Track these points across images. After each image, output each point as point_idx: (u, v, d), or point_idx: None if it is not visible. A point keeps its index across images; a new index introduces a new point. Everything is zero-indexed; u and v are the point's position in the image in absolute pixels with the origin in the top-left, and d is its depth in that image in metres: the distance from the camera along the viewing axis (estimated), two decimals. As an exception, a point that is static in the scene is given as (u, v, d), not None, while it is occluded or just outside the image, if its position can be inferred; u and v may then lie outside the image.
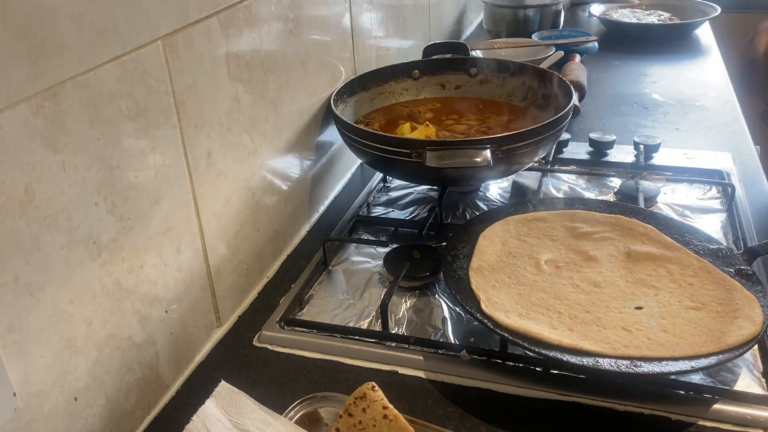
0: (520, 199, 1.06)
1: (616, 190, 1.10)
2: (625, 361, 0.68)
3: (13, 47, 0.51)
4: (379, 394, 0.60)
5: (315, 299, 0.90)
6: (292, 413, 0.65)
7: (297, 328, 0.83)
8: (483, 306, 0.76)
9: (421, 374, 0.76)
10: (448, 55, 1.27)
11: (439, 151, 0.89)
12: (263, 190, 0.92)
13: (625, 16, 2.00)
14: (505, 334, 0.71)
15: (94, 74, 0.59)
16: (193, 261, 0.78)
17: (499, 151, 0.90)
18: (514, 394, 0.72)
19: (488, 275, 0.81)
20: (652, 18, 1.96)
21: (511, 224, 0.91)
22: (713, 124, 1.34)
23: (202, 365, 0.80)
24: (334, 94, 1.08)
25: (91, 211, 0.61)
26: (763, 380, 0.73)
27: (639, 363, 0.67)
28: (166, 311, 0.74)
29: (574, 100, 1.28)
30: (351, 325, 0.84)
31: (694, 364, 0.67)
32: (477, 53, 1.55)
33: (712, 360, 0.67)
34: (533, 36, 1.76)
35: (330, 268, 0.95)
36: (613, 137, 1.21)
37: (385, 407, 0.59)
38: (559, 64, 1.54)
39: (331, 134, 1.10)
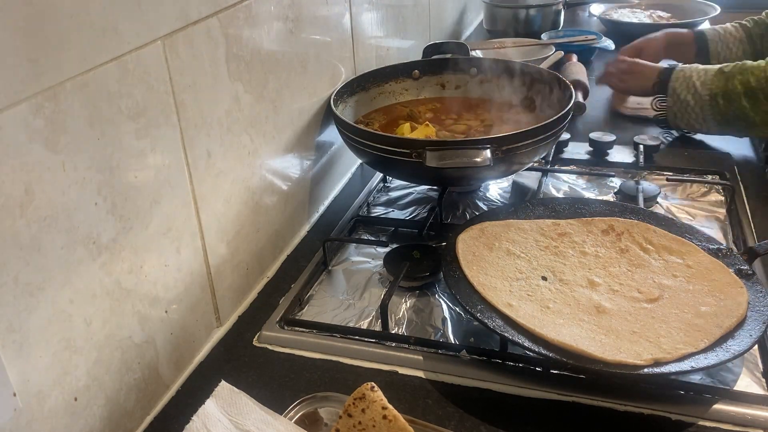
0: (520, 199, 1.06)
1: (616, 190, 1.10)
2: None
3: (13, 47, 0.51)
4: (379, 394, 0.60)
5: (315, 299, 0.90)
6: (292, 413, 0.65)
7: (297, 328, 0.83)
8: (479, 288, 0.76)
9: (420, 374, 0.76)
10: (448, 55, 1.27)
11: (439, 151, 0.89)
12: (263, 190, 0.92)
13: (625, 15, 2.00)
14: (505, 334, 0.72)
15: (94, 74, 0.59)
16: (193, 261, 0.78)
17: (499, 151, 0.90)
18: (514, 394, 0.72)
19: (483, 265, 0.82)
20: (652, 18, 1.96)
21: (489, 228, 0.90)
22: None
23: (202, 365, 0.80)
24: (334, 94, 1.08)
25: (91, 211, 0.61)
26: (763, 380, 0.73)
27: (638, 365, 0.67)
28: (166, 311, 0.74)
29: (579, 98, 1.27)
30: (351, 325, 0.84)
31: (694, 364, 0.67)
32: (477, 53, 1.55)
33: (712, 360, 0.67)
34: (542, 36, 1.76)
35: (330, 268, 0.95)
36: (613, 137, 1.21)
37: (384, 407, 0.59)
38: (559, 64, 1.54)
39: (331, 134, 1.10)
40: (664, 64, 1.35)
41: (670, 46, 1.51)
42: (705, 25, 1.90)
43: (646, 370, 0.66)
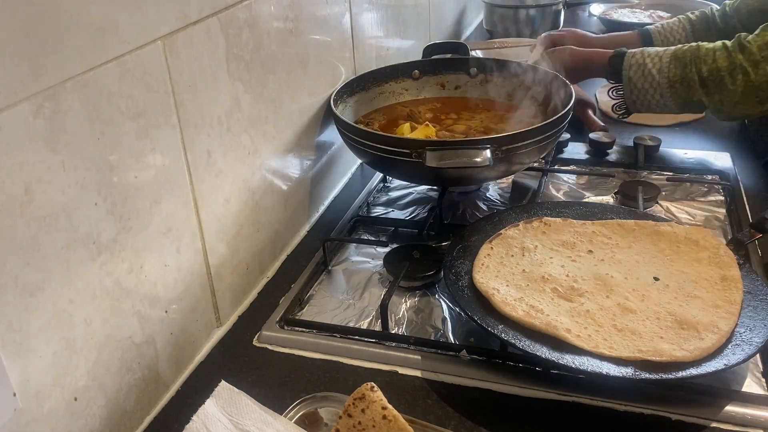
0: (521, 201, 1.06)
1: (616, 190, 1.09)
2: (627, 369, 0.67)
3: (13, 47, 0.51)
4: (378, 394, 0.60)
5: (315, 299, 0.90)
6: (292, 413, 0.65)
7: (297, 328, 0.83)
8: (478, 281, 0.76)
9: (420, 374, 0.76)
10: (448, 55, 1.27)
11: (439, 151, 0.89)
12: (263, 190, 0.92)
13: (625, 15, 2.00)
14: (504, 336, 0.72)
15: (94, 74, 0.59)
16: (193, 261, 0.78)
17: (499, 151, 0.90)
18: (514, 394, 0.72)
19: (493, 269, 0.82)
20: (652, 17, 1.96)
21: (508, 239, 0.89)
22: (713, 125, 1.33)
23: (202, 365, 0.80)
24: (334, 94, 1.08)
25: (91, 211, 0.61)
26: (764, 380, 0.73)
27: (639, 372, 0.67)
28: (166, 311, 0.74)
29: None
30: (351, 325, 0.84)
31: (693, 371, 0.67)
32: (477, 53, 1.55)
33: (714, 366, 0.67)
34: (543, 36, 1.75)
35: (330, 268, 0.95)
36: (613, 137, 1.21)
37: (384, 408, 0.59)
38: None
39: (331, 134, 1.10)
40: None
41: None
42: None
43: (646, 375, 0.66)
